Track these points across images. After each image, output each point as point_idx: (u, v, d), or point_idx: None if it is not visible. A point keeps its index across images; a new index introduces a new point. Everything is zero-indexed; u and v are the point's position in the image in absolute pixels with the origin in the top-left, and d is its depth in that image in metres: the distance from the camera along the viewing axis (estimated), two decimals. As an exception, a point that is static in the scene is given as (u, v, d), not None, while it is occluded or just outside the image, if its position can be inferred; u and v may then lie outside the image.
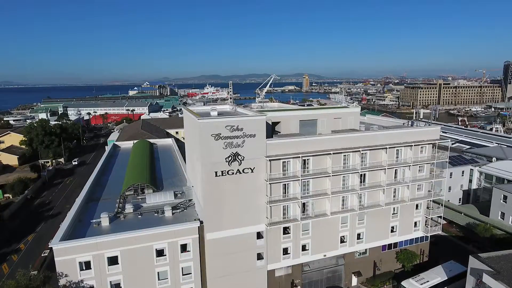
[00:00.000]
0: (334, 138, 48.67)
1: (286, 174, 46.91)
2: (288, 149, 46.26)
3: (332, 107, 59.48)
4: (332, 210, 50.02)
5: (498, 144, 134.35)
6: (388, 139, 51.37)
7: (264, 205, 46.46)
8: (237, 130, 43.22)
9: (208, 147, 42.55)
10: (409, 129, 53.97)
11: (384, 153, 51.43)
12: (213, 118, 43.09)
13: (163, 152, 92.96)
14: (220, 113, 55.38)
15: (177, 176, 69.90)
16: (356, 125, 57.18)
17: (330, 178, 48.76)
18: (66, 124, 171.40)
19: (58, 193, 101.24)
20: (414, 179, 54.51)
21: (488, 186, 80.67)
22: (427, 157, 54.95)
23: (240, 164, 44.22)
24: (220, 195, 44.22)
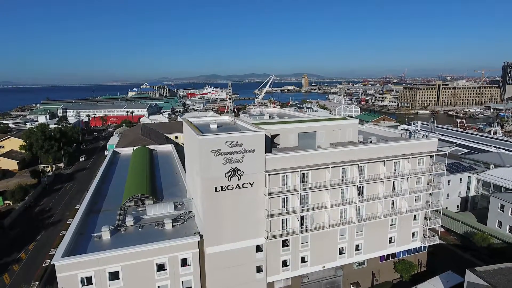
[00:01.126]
0: (332, 151, 49.15)
1: (285, 188, 47.39)
2: (287, 163, 46.75)
3: (330, 118, 59.91)
4: (331, 223, 50.52)
5: (497, 147, 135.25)
6: (386, 151, 51.88)
7: (264, 218, 46.95)
8: (237, 146, 43.69)
9: (208, 162, 43.01)
10: (407, 141, 54.48)
11: (382, 165, 51.92)
12: (212, 135, 43.50)
13: (163, 159, 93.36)
14: (219, 126, 55.96)
15: (177, 185, 70.33)
16: (354, 136, 57.64)
17: (329, 191, 49.25)
18: (66, 128, 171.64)
19: (58, 200, 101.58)
20: (412, 190, 55.03)
21: (485, 193, 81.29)
22: (424, 169, 55.46)
23: (240, 179, 44.69)
24: (220, 210, 44.69)
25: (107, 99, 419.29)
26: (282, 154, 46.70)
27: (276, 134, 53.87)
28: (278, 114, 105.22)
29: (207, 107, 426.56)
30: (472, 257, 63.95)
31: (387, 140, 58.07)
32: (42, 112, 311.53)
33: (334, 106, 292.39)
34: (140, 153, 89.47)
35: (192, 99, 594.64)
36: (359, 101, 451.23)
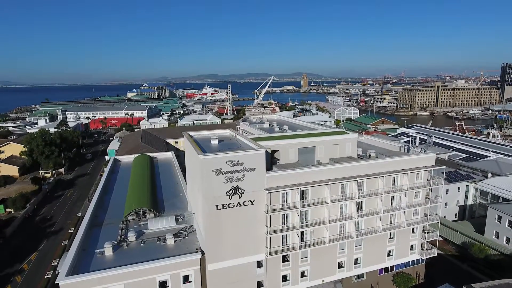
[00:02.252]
0: (332, 168, 49.85)
1: (285, 205, 48.09)
2: (287, 180, 47.43)
3: (330, 132, 60.45)
4: (330, 238, 51.23)
5: (495, 152, 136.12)
6: (384, 167, 52.58)
7: (264, 235, 47.64)
8: (238, 165, 44.35)
9: (209, 182, 43.66)
10: (405, 156, 55.14)
11: (381, 181, 52.63)
12: (214, 154, 44.10)
13: (163, 167, 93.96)
14: (220, 140, 56.69)
15: (177, 196, 70.96)
16: (353, 151, 58.31)
17: (328, 206, 49.96)
18: (66, 132, 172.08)
19: (59, 207, 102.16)
20: (410, 204, 55.76)
21: (483, 202, 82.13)
22: (423, 183, 56.20)
23: (241, 197, 45.37)
24: (221, 227, 45.37)
25: (107, 101, 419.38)
26: (282, 172, 47.37)
27: (276, 149, 54.49)
28: (277, 122, 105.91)
29: (206, 108, 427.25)
30: (470, 268, 64.79)
31: (386, 154, 58.74)
32: (42, 114, 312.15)
33: (334, 108, 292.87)
34: (141, 162, 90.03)
35: (191, 100, 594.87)
36: (358, 102, 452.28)
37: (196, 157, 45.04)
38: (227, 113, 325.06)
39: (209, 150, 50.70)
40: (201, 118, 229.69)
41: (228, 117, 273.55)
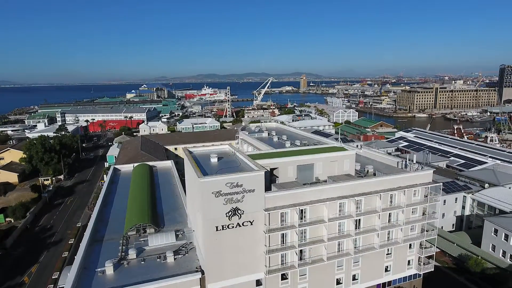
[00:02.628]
0: (330, 187, 50.45)
1: (284, 224, 48.68)
2: (286, 200, 48.01)
3: (328, 149, 60.88)
4: (329, 255, 51.85)
5: (492, 158, 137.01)
6: (382, 185, 53.21)
7: (263, 254, 48.22)
8: (237, 187, 44.90)
9: (209, 204, 44.21)
10: (402, 174, 55.69)
11: (379, 198, 53.26)
12: (213, 177, 44.59)
13: (163, 177, 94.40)
14: (219, 157, 57.19)
15: (177, 209, 71.48)
16: (352, 167, 58.89)
17: (327, 225, 50.57)
18: (65, 137, 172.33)
19: (59, 216, 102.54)
20: (407, 221, 56.43)
21: (480, 213, 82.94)
22: (420, 200, 56.88)
23: (240, 217, 45.93)
24: (221, 248, 45.93)
25: (106, 103, 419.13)
26: (281, 193, 47.94)
27: (275, 167, 55.06)
28: (276, 131, 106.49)
29: (205, 110, 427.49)
30: (467, 281, 65.47)
31: (384, 169, 59.37)
32: (41, 116, 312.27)
33: (332, 110, 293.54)
34: (141, 172, 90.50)
35: (190, 101, 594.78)
36: (357, 103, 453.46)
37: (196, 179, 45.55)
38: (226, 115, 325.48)
39: (208, 169, 51.25)
40: (200, 122, 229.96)
41: (227, 120, 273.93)
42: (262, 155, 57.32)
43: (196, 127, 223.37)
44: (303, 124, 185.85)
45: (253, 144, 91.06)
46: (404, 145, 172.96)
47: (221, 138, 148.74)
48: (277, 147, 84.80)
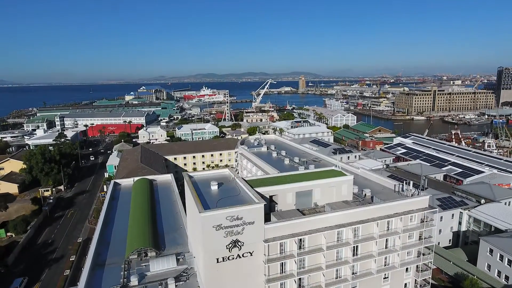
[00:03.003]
0: (328, 216, 51.39)
1: (283, 254, 49.63)
2: (285, 230, 48.93)
3: (326, 173, 61.75)
4: (327, 282, 52.84)
5: (490, 167, 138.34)
6: (379, 212, 54.20)
7: (263, 283, 49.18)
8: (237, 219, 45.83)
9: (210, 237, 45.12)
10: (399, 201, 56.58)
11: (376, 225, 54.26)
12: (214, 211, 45.46)
13: (163, 192, 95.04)
14: (220, 183, 58.05)
15: (177, 230, 72.18)
16: (349, 192, 59.86)
17: (325, 253, 51.55)
18: (65, 145, 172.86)
19: (59, 230, 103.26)
20: (404, 246, 57.48)
21: (476, 230, 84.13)
22: (416, 224, 57.92)
23: (240, 249, 46.85)
24: (221, 278, 46.84)
25: (104, 105, 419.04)
26: (280, 223, 48.87)
27: (274, 194, 55.97)
28: (275, 145, 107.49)
29: (204, 112, 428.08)
30: (462, 301, 66.60)
31: (381, 192, 60.36)
32: (39, 120, 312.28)
33: (331, 114, 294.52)
34: (141, 188, 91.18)
35: (189, 102, 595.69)
36: (355, 105, 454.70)
37: (197, 212, 46.42)
38: (225, 118, 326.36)
39: (208, 198, 52.19)
40: (199, 127, 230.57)
41: (226, 124, 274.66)
42: (261, 181, 58.13)
43: (195, 133, 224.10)
44: (302, 131, 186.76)
45: (252, 160, 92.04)
46: (402, 152, 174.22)
47: (220, 148, 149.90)
48: (276, 165, 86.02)
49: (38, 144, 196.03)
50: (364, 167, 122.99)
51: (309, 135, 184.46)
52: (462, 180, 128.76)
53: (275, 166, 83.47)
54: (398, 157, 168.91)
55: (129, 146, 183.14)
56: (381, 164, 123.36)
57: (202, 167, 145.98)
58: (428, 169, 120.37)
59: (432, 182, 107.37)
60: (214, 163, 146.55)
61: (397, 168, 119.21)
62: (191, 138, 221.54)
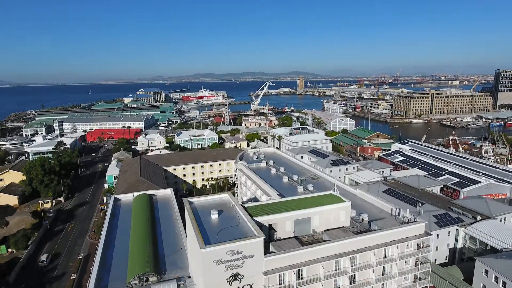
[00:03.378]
0: (327, 247, 52.42)
1: (282, 285, 50.66)
2: (284, 262, 49.95)
3: (324, 200, 62.67)
4: (325, 310, 53.92)
5: (487, 177, 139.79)
6: (376, 240, 55.29)
7: (262, 314, 50.19)
8: (237, 254, 46.82)
9: (210, 271, 46.09)
10: (396, 229, 57.62)
11: (373, 254, 55.35)
12: (214, 246, 46.38)
13: (163, 209, 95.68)
14: (220, 211, 58.99)
15: (177, 251, 72.93)
16: (347, 218, 60.87)
17: (323, 282, 52.60)
18: (65, 153, 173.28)
19: (60, 245, 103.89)
20: (400, 272, 58.61)
21: (472, 247, 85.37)
22: (412, 251, 59.04)
23: (240, 282, 47.86)
24: (222, 310, 47.84)
25: (103, 109, 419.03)
26: (280, 255, 49.85)
27: (273, 222, 56.93)
28: (274, 160, 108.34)
29: (203, 115, 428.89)
30: (458, 322, 67.84)
31: (378, 221, 61.38)
32: (38, 125, 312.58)
33: (329, 118, 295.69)
34: (141, 207, 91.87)
35: (187, 104, 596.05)
36: (353, 107, 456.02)
37: (197, 247, 47.33)
38: (223, 122, 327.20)
39: (209, 229, 53.16)
40: (198, 134, 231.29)
41: (225, 129, 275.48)
42: (261, 209, 58.99)
43: (194, 139, 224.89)
44: (300, 138, 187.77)
45: (251, 178, 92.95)
46: (400, 160, 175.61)
47: (220, 158, 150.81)
48: (274, 183, 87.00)
49: (38, 152, 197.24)
50: (362, 179, 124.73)
51: (307, 143, 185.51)
52: (459, 191, 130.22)
53: (274, 185, 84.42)
54: (396, 165, 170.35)
55: (128, 155, 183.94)
56: (379, 176, 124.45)
57: (201, 178, 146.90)
58: (425, 182, 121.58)
59: (429, 195, 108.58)
60: (213, 174, 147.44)
61: (395, 181, 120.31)
62: (190, 145, 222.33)
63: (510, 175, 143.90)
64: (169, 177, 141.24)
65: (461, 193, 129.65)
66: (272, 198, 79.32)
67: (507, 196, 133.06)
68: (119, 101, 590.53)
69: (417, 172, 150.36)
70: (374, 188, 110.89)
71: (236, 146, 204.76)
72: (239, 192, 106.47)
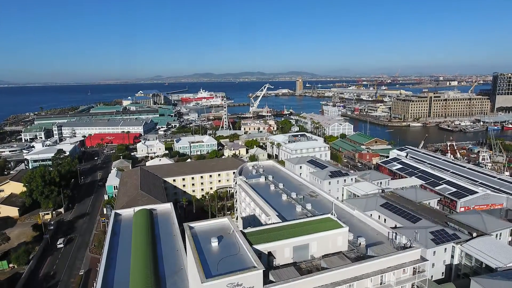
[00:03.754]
0: (325, 275, 53.57)
1: (281, 314, 51.76)
2: (283, 292, 51.11)
3: (322, 225, 63.84)
4: (323, 338, 55.06)
5: (484, 187, 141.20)
6: (373, 267, 56.48)
7: None
8: (237, 286, 47.94)
9: (211, 304, 47.17)
10: (392, 255, 58.80)
11: (370, 281, 56.53)
12: (215, 279, 47.44)
13: (163, 225, 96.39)
14: (219, 237, 60.10)
15: (178, 272, 73.89)
16: (345, 243, 62.07)
17: (321, 311, 53.77)
18: (64, 163, 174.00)
19: (61, 260, 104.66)
20: (397, 297, 59.82)
21: (468, 264, 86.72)
22: (409, 276, 60.24)
23: (240, 313, 48.95)
24: None
25: (102, 112, 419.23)
26: (278, 286, 50.95)
27: (272, 250, 58.07)
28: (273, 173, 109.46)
29: (202, 118, 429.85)
30: None
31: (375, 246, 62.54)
32: (37, 129, 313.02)
33: (328, 123, 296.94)
34: (141, 224, 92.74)
35: (186, 106, 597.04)
36: (352, 110, 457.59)
37: (198, 279, 48.40)
38: (222, 126, 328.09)
39: (209, 258, 54.28)
40: (197, 140, 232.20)
41: (224, 134, 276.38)
42: (260, 236, 60.08)
43: (193, 146, 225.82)
44: (299, 146, 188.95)
45: (250, 195, 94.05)
46: (398, 167, 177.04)
47: (219, 168, 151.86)
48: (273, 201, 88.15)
49: (37, 159, 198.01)
50: (360, 192, 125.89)
51: (306, 150, 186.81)
52: (456, 201, 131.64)
53: (273, 203, 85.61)
54: (394, 173, 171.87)
55: (128, 163, 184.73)
56: (377, 188, 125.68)
57: (201, 188, 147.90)
58: (422, 195, 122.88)
59: (426, 209, 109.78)
60: (212, 184, 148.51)
61: (393, 193, 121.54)
62: (190, 151, 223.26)
63: (507, 184, 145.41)
64: (168, 188, 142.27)
65: (458, 203, 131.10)
66: (271, 218, 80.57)
67: (504, 206, 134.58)
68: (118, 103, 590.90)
69: (415, 181, 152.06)
70: (372, 202, 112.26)
71: (235, 153, 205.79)
72: (238, 208, 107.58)
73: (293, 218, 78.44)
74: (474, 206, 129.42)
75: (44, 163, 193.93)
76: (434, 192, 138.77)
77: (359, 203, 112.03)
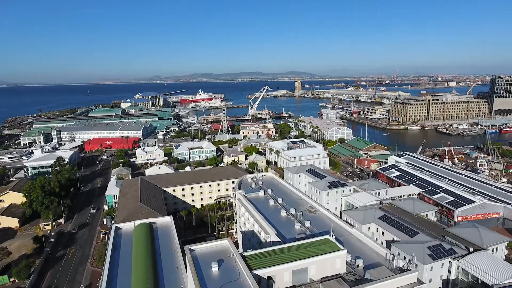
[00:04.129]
0: (322, 301, 54.57)
1: None
2: (282, 319, 52.06)
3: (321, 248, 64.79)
4: None
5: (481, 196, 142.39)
6: (371, 292, 57.47)
7: None
8: (237, 314, 48.88)
9: (211, 333, 48.11)
10: (389, 279, 59.73)
11: (368, 305, 57.52)
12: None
13: (163, 239, 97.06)
14: (220, 261, 60.99)
15: (178, 289, 74.99)
16: (343, 265, 63.03)
17: (319, 335, 54.77)
18: (64, 172, 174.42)
19: (62, 274, 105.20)
20: (394, 319, 60.79)
21: (464, 279, 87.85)
22: (406, 298, 61.25)
23: None
24: None
25: (101, 115, 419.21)
26: (277, 313, 51.95)
27: (272, 274, 58.98)
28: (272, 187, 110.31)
29: (201, 120, 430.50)
30: None
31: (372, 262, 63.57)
32: (36, 133, 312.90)
33: (327, 127, 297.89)
34: (141, 239, 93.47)
35: (185, 108, 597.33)
36: (351, 113, 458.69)
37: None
38: (221, 130, 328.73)
39: (210, 284, 55.19)
40: (197, 146, 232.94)
41: (223, 139, 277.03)
42: (259, 260, 60.91)
43: (192, 152, 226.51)
44: (298, 153, 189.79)
45: (249, 210, 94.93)
46: (396, 175, 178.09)
47: (218, 178, 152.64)
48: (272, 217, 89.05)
49: (37, 166, 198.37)
50: (359, 203, 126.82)
51: (305, 158, 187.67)
52: (454, 210, 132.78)
53: (272, 220, 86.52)
54: (393, 181, 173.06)
55: (127, 171, 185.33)
56: (375, 199, 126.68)
57: (200, 198, 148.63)
58: (420, 206, 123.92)
59: (423, 222, 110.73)
60: (212, 194, 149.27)
61: (391, 204, 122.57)
62: (189, 157, 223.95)
63: (504, 193, 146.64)
64: (168, 198, 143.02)
65: (456, 213, 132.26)
66: (270, 236, 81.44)
67: (501, 215, 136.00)
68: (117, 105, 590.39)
69: (412, 189, 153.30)
70: (370, 214, 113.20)
71: (235, 160, 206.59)
72: (238, 222, 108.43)
73: (292, 237, 79.62)
74: (471, 216, 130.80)
75: (44, 170, 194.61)
76: (432, 201, 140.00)
77: (358, 216, 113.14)
